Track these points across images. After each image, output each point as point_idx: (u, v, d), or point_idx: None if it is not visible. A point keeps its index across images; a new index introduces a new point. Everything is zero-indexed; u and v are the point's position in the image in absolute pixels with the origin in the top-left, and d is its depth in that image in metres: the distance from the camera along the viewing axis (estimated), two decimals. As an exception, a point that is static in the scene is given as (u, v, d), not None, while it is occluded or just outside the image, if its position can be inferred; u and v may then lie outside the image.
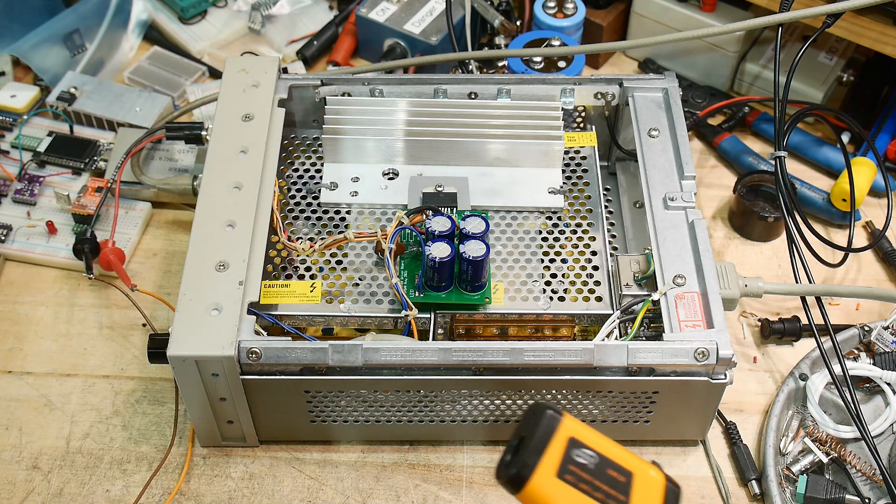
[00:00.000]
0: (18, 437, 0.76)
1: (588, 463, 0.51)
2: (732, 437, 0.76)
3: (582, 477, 0.51)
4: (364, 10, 1.02)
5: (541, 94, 0.84)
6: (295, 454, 0.75)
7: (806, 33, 0.99)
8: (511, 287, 0.74)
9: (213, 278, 0.69)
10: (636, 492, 0.51)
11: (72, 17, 1.02)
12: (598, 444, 0.52)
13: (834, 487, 0.71)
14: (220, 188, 0.75)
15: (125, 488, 0.73)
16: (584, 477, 0.51)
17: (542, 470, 0.50)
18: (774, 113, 0.82)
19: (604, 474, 0.51)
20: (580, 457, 0.51)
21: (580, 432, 0.52)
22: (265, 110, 0.80)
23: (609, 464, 0.51)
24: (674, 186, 0.76)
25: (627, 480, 0.51)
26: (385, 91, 0.84)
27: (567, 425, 0.52)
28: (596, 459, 0.51)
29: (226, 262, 0.70)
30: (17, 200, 0.89)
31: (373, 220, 0.79)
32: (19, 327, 0.83)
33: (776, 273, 0.87)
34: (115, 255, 0.83)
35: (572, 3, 0.99)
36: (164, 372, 0.79)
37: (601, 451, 0.51)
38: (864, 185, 0.88)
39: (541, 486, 0.50)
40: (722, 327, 0.68)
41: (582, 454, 0.51)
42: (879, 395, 0.77)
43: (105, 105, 0.95)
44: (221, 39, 1.06)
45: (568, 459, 0.51)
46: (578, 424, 0.52)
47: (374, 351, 0.67)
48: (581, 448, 0.51)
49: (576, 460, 0.51)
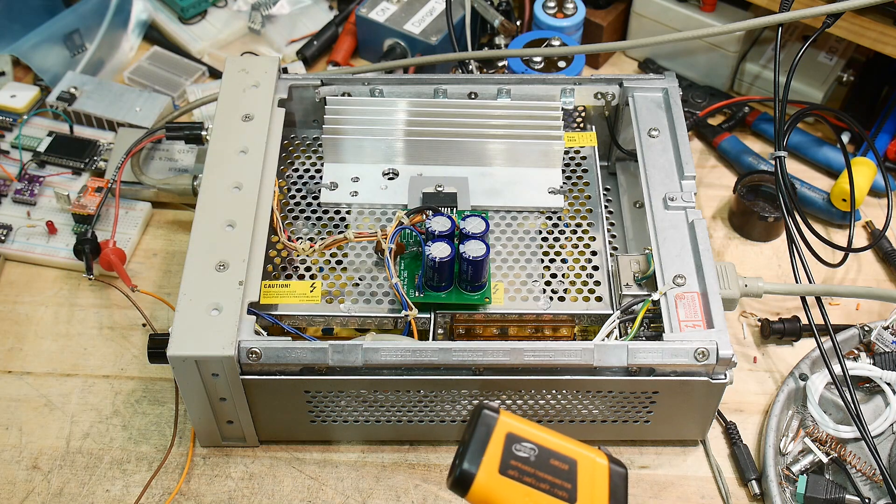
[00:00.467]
0: (18, 437, 0.76)
1: (529, 456, 0.52)
2: (732, 437, 0.76)
3: (525, 470, 0.52)
4: (364, 10, 1.02)
5: (541, 94, 0.84)
6: (295, 454, 0.75)
7: (806, 33, 0.99)
8: (511, 287, 0.74)
9: (213, 278, 0.69)
10: (581, 478, 0.52)
11: (72, 17, 1.02)
12: (538, 437, 0.53)
13: (834, 487, 0.71)
14: (220, 188, 0.75)
15: (125, 488, 0.73)
16: (527, 470, 0.52)
17: (484, 469, 0.51)
18: (774, 113, 0.82)
19: (546, 465, 0.52)
20: (520, 451, 0.52)
21: (518, 427, 0.53)
22: (265, 110, 0.80)
23: (550, 454, 0.52)
24: (674, 186, 0.76)
25: (571, 468, 0.52)
26: (385, 91, 0.84)
27: (503, 422, 0.53)
28: (536, 451, 0.52)
29: (226, 262, 0.70)
30: (17, 200, 0.89)
31: (373, 220, 0.79)
32: (19, 327, 0.83)
33: (776, 273, 0.87)
34: (115, 256, 0.83)
35: (572, 3, 0.99)
36: (164, 372, 0.79)
37: (541, 443, 0.53)
38: (864, 185, 0.88)
39: (487, 485, 0.51)
40: (722, 327, 0.68)
41: (522, 448, 0.52)
42: (879, 395, 0.77)
43: (105, 105, 0.95)
44: (221, 39, 1.06)
45: (508, 455, 0.52)
46: (516, 420, 0.53)
47: (374, 351, 0.67)
48: (520, 442, 0.52)
49: (517, 455, 0.52)
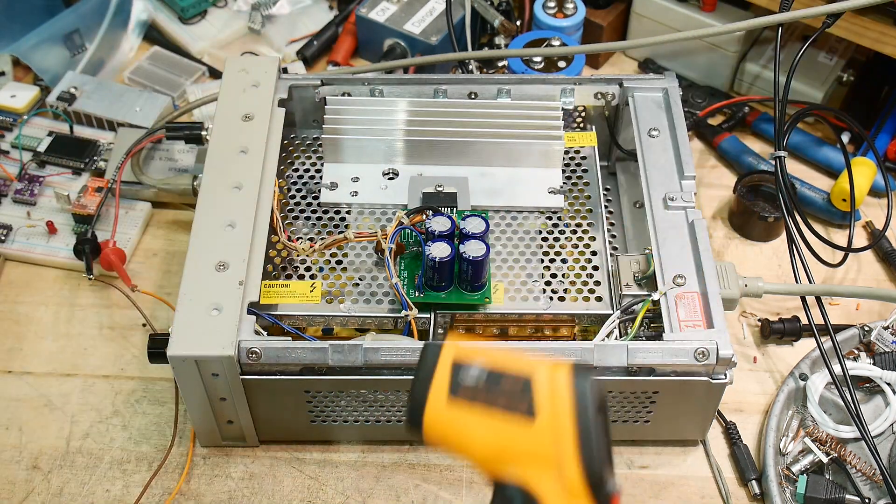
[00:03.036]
0: (18, 437, 0.76)
1: (478, 380, 0.50)
2: (732, 437, 0.76)
3: (476, 393, 0.49)
4: (364, 10, 1.02)
5: (541, 94, 0.84)
6: (295, 454, 0.75)
7: (806, 33, 0.99)
8: (511, 287, 0.74)
9: (213, 278, 0.69)
10: (539, 389, 0.49)
11: (72, 17, 1.02)
12: (486, 361, 0.50)
13: (834, 487, 0.71)
14: (220, 188, 0.75)
15: (125, 488, 0.73)
16: (479, 392, 0.49)
17: (433, 401, 0.49)
18: (774, 113, 0.82)
19: (498, 385, 0.50)
20: (468, 378, 0.50)
21: (464, 354, 0.51)
22: (265, 110, 0.80)
23: (500, 376, 0.50)
24: (674, 186, 0.76)
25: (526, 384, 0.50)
26: (385, 91, 0.84)
27: (447, 352, 0.51)
28: (485, 374, 0.50)
29: (226, 262, 0.70)
30: (17, 200, 0.89)
31: (373, 220, 0.79)
32: (19, 327, 0.83)
33: (776, 273, 0.87)
34: (116, 256, 0.83)
35: (572, 3, 0.99)
36: (164, 372, 0.79)
37: (490, 366, 0.50)
38: (864, 185, 0.88)
39: (439, 415, 0.49)
40: (722, 327, 0.68)
41: (469, 375, 0.50)
42: (879, 395, 0.77)
43: (105, 105, 0.95)
44: (221, 39, 1.06)
45: (456, 383, 0.50)
46: (461, 348, 0.51)
47: (374, 351, 0.67)
48: (468, 367, 0.50)
49: (465, 382, 0.50)
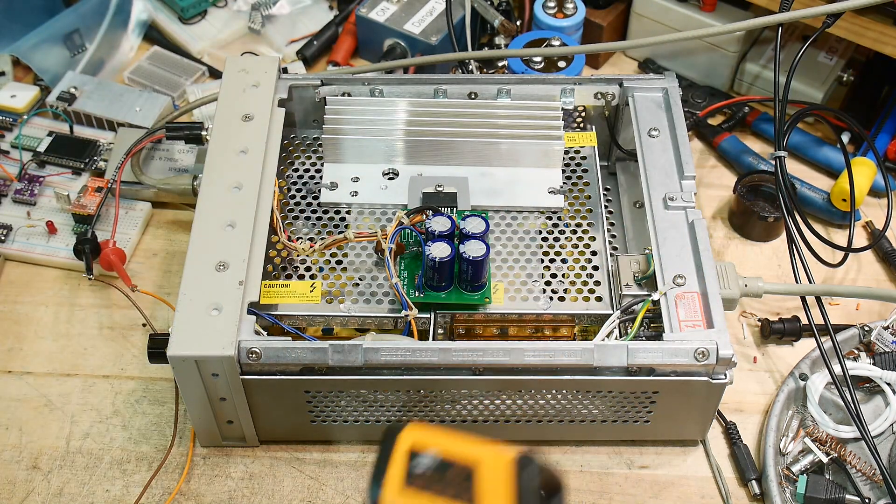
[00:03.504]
0: (18, 437, 0.76)
1: (429, 468, 0.52)
2: (732, 437, 0.76)
3: (429, 481, 0.52)
4: (364, 10, 1.02)
5: (541, 94, 0.84)
6: (295, 454, 0.75)
7: (806, 33, 0.99)
8: (511, 287, 0.74)
9: (213, 278, 0.69)
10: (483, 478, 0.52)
11: (72, 17, 1.02)
12: (439, 449, 0.53)
13: (834, 487, 0.71)
14: (220, 188, 0.75)
15: (125, 488, 0.73)
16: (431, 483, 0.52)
17: (388, 487, 0.52)
18: (774, 113, 0.82)
19: (447, 473, 0.52)
20: (420, 466, 0.53)
21: (420, 440, 0.53)
22: (265, 110, 0.80)
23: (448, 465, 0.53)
24: (674, 186, 0.76)
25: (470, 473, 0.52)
26: (385, 91, 0.84)
27: (405, 438, 0.53)
28: (436, 462, 0.53)
29: (226, 262, 0.70)
30: (17, 200, 0.89)
31: (373, 220, 0.79)
32: (19, 327, 0.83)
33: (776, 273, 0.87)
34: (116, 256, 0.83)
35: (572, 3, 0.99)
36: (164, 372, 0.79)
37: (442, 454, 0.53)
38: (864, 185, 0.88)
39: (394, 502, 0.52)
40: (722, 327, 0.68)
41: (422, 462, 0.53)
42: (879, 395, 0.77)
43: (105, 105, 0.95)
44: (221, 39, 1.06)
45: (411, 470, 0.52)
46: (419, 432, 0.54)
47: (374, 351, 0.67)
48: (421, 456, 0.53)
49: (418, 469, 0.52)
